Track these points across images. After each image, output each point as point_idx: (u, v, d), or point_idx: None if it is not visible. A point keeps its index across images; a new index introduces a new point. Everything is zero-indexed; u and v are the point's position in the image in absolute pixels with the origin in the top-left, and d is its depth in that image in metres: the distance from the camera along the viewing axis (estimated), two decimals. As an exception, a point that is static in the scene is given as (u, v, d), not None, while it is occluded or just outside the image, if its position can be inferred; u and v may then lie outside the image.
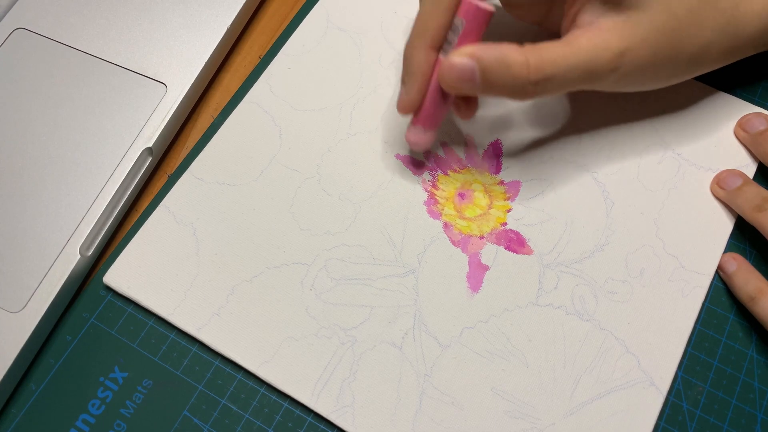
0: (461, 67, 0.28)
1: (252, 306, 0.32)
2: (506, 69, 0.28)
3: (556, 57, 0.28)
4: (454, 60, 0.28)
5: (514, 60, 0.28)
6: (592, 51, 0.29)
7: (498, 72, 0.28)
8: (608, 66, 0.29)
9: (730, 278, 0.32)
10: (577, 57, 0.28)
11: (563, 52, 0.28)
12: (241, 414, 0.30)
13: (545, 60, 0.28)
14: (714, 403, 0.30)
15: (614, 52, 0.29)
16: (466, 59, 0.28)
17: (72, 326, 0.32)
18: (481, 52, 0.28)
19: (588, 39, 0.29)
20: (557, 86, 0.29)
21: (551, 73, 0.28)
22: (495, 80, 0.28)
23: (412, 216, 0.33)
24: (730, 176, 0.33)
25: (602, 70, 0.29)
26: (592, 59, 0.29)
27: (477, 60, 0.28)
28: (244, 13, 0.38)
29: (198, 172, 0.35)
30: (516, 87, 0.28)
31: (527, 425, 0.29)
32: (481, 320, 0.31)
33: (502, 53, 0.28)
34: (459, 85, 0.29)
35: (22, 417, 0.30)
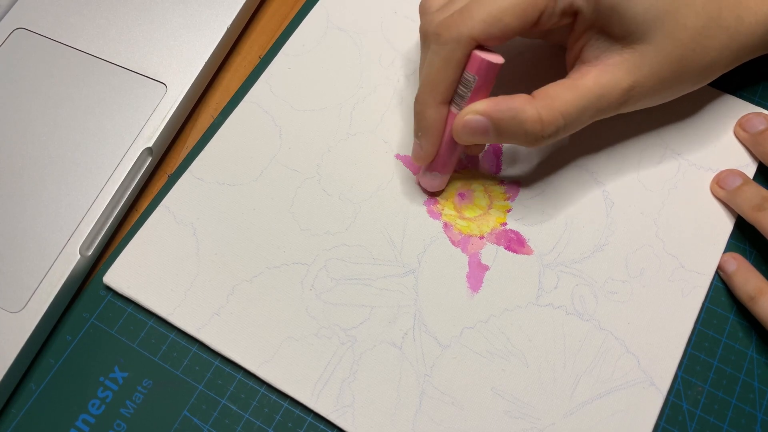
0: (475, 125, 0.29)
1: (252, 306, 0.32)
2: (519, 125, 0.29)
3: (567, 107, 0.29)
4: (468, 119, 0.29)
5: (526, 117, 0.28)
6: (602, 90, 0.29)
7: (511, 128, 0.29)
8: (617, 102, 0.30)
9: (730, 278, 0.32)
10: (588, 100, 0.29)
11: (573, 98, 0.29)
12: (241, 414, 0.30)
13: (556, 111, 0.28)
14: (714, 403, 0.30)
15: (623, 88, 0.29)
16: (479, 117, 0.29)
17: (72, 326, 0.32)
18: (494, 111, 0.29)
19: (595, 78, 0.29)
20: (568, 131, 0.30)
21: (564, 124, 0.29)
22: (508, 135, 0.29)
23: (412, 216, 0.33)
24: (729, 176, 0.33)
25: (612, 106, 0.30)
26: (602, 98, 0.29)
27: (490, 118, 0.29)
28: (244, 13, 0.38)
29: (198, 172, 0.35)
30: (529, 140, 0.29)
31: (527, 425, 0.29)
32: (481, 320, 0.31)
33: (515, 110, 0.28)
34: (473, 140, 0.30)
35: (22, 417, 0.30)
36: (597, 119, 0.30)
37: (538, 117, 0.28)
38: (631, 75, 0.29)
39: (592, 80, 0.29)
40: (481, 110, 0.29)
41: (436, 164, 0.32)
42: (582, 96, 0.29)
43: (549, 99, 0.29)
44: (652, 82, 0.30)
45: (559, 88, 0.29)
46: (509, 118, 0.29)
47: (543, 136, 0.29)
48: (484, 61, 0.28)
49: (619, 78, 0.29)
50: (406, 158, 0.35)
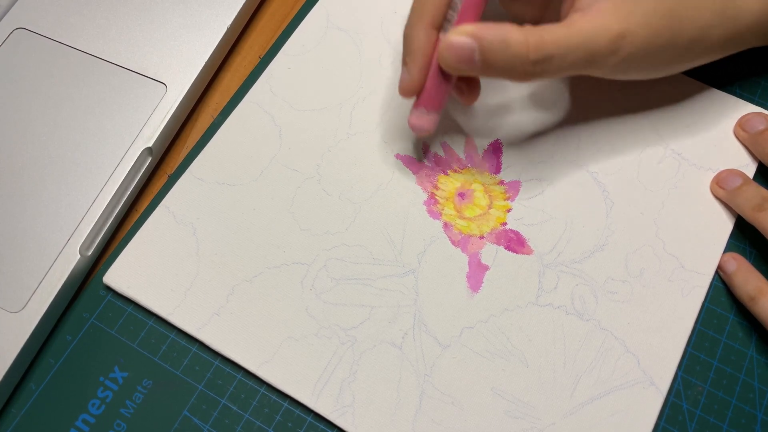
0: (460, 46, 0.28)
1: (252, 306, 0.32)
2: (506, 48, 0.28)
3: (556, 37, 0.28)
4: (453, 39, 0.28)
5: (514, 39, 0.28)
6: (592, 32, 0.29)
7: (498, 51, 0.28)
8: (608, 48, 0.29)
9: (730, 278, 0.32)
10: (577, 38, 0.28)
11: (563, 33, 0.28)
12: (241, 414, 0.30)
13: (545, 40, 0.28)
14: (714, 403, 0.30)
15: (614, 33, 0.29)
16: (465, 38, 0.28)
17: (72, 326, 0.32)
18: (480, 31, 0.28)
19: (588, 21, 0.29)
20: (557, 67, 0.29)
21: (551, 53, 0.28)
22: (494, 59, 0.28)
23: (412, 216, 0.33)
24: (729, 176, 0.33)
25: (602, 51, 0.29)
26: (592, 40, 0.29)
27: (476, 39, 0.28)
28: (244, 13, 0.38)
29: (198, 172, 0.35)
30: (516, 67, 0.28)
31: (527, 425, 0.29)
32: (481, 320, 0.31)
33: (502, 32, 0.28)
34: (458, 65, 0.29)
35: (22, 417, 0.30)
36: (588, 71, 0.30)
37: (525, 40, 0.28)
38: (622, 22, 0.29)
39: (584, 22, 0.29)
40: (468, 31, 0.28)
41: (424, 98, 0.31)
42: (572, 34, 0.28)
43: (539, 30, 0.28)
44: (643, 33, 0.29)
45: (551, 26, 0.29)
46: (495, 39, 0.28)
47: (529, 60, 0.28)
48: None
49: (610, 23, 0.29)
50: (406, 158, 0.35)
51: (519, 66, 0.28)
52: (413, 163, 0.35)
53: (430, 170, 0.34)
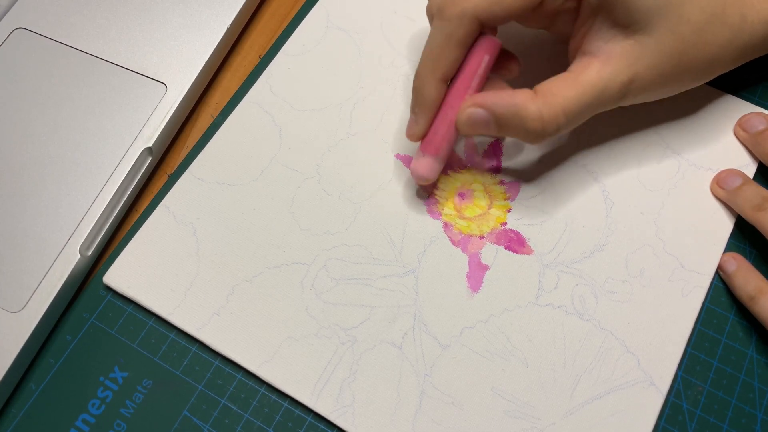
0: (477, 118, 0.29)
1: (252, 306, 0.32)
2: (520, 122, 0.29)
3: (569, 103, 0.29)
4: (470, 111, 0.29)
5: (528, 114, 0.29)
6: (603, 84, 0.29)
7: (512, 124, 0.29)
8: (617, 95, 0.30)
9: (730, 278, 0.32)
10: (590, 95, 0.29)
11: (575, 95, 0.29)
12: (241, 414, 0.30)
13: (558, 108, 0.29)
14: (714, 403, 0.30)
15: (623, 81, 0.29)
16: (481, 111, 0.29)
17: (72, 326, 0.32)
18: (496, 106, 0.29)
19: (597, 71, 0.29)
20: (570, 127, 0.30)
21: (564, 122, 0.29)
22: (509, 130, 0.29)
23: (412, 216, 0.33)
24: (729, 176, 0.33)
25: (612, 99, 0.30)
26: (603, 92, 0.29)
27: (491, 112, 0.29)
28: (244, 13, 0.38)
29: (198, 172, 0.35)
30: (529, 137, 0.29)
31: (527, 425, 0.29)
32: (481, 320, 0.31)
33: (517, 106, 0.29)
34: (474, 132, 0.30)
35: (22, 417, 0.30)
36: (598, 112, 0.30)
37: (539, 115, 0.28)
38: (631, 67, 0.29)
39: (594, 73, 0.29)
40: (484, 104, 0.29)
41: (430, 144, 0.31)
42: (584, 92, 0.29)
43: (551, 96, 0.29)
44: (651, 76, 0.30)
45: (562, 84, 0.29)
46: (511, 114, 0.29)
47: (544, 134, 0.29)
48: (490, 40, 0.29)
49: (619, 70, 0.29)
50: (406, 158, 0.35)
51: (533, 136, 0.29)
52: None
53: (430, 170, 0.34)
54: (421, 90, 0.30)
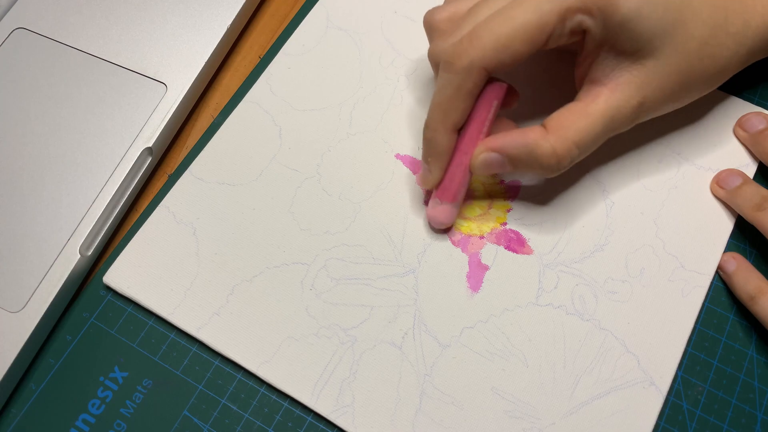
0: (492, 162, 0.30)
1: (252, 306, 0.32)
2: (535, 160, 0.29)
3: (581, 136, 0.29)
4: (484, 157, 0.29)
5: (541, 152, 0.29)
6: (613, 112, 0.29)
7: (527, 163, 0.29)
8: (629, 120, 0.30)
9: (730, 278, 0.32)
10: (601, 125, 0.29)
11: (586, 125, 0.29)
12: (241, 414, 0.30)
13: (570, 142, 0.29)
14: (714, 403, 0.30)
15: (633, 106, 0.29)
16: (494, 155, 0.29)
17: (72, 326, 0.32)
18: (509, 148, 0.29)
19: (606, 100, 0.29)
20: (583, 156, 0.30)
21: (578, 153, 0.29)
22: (525, 167, 0.30)
23: (412, 216, 0.33)
24: (729, 176, 0.33)
25: (623, 124, 0.30)
26: (614, 120, 0.29)
27: (504, 155, 0.29)
28: (244, 13, 0.38)
29: (198, 172, 0.35)
30: (545, 172, 0.30)
31: (527, 425, 0.29)
32: (481, 320, 0.31)
33: (529, 146, 0.29)
34: (490, 173, 0.30)
35: (22, 417, 0.30)
36: (610, 137, 0.30)
37: (552, 151, 0.29)
38: (640, 91, 0.29)
39: (604, 103, 0.29)
40: (496, 147, 0.29)
41: (447, 192, 0.31)
42: (595, 122, 0.29)
43: (562, 130, 0.29)
44: (661, 96, 0.30)
45: (572, 116, 0.29)
46: (525, 154, 0.29)
47: (559, 168, 0.29)
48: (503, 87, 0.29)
49: (629, 95, 0.29)
50: (406, 158, 0.35)
51: (549, 171, 0.30)
52: (413, 163, 0.35)
53: (430, 170, 0.34)
54: (433, 140, 0.30)
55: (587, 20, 0.28)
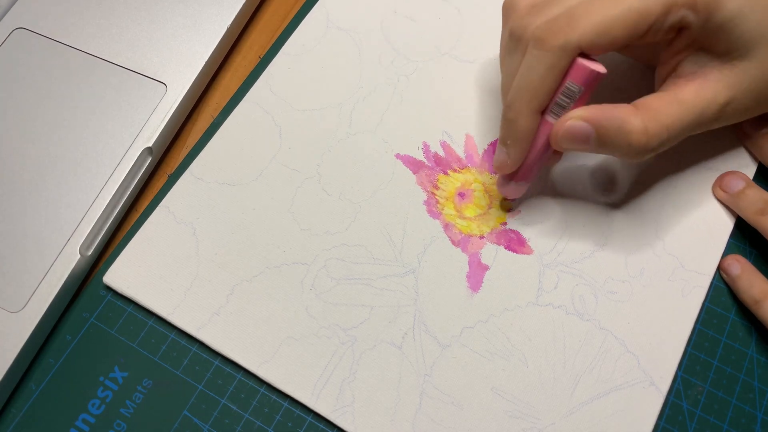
0: (578, 132, 0.28)
1: (252, 306, 0.32)
2: (624, 136, 0.28)
3: (672, 120, 0.28)
4: (571, 124, 0.28)
5: (632, 128, 0.27)
6: (702, 105, 0.28)
7: (615, 138, 0.28)
8: (713, 117, 0.29)
9: (733, 281, 0.31)
10: (692, 115, 0.28)
11: (677, 112, 0.28)
12: (241, 414, 0.30)
13: (662, 124, 0.28)
14: (714, 403, 0.30)
15: (720, 103, 0.29)
16: (583, 124, 0.28)
17: (72, 326, 0.32)
18: (600, 118, 0.27)
19: (696, 93, 0.28)
20: (667, 146, 0.29)
21: (666, 138, 0.28)
22: (611, 144, 0.28)
23: (412, 216, 0.33)
24: (732, 179, 0.33)
25: (707, 121, 0.29)
26: (702, 114, 0.28)
27: (594, 125, 0.28)
28: (244, 13, 0.38)
29: (198, 172, 0.35)
30: (631, 152, 0.28)
31: (527, 425, 0.29)
32: (481, 320, 0.31)
33: (621, 119, 0.27)
34: (572, 147, 0.29)
35: (22, 417, 0.30)
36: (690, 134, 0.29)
37: (644, 129, 0.27)
38: (729, 90, 0.28)
39: (693, 94, 0.28)
40: (587, 117, 0.28)
41: (522, 173, 0.31)
42: (686, 110, 0.28)
43: (654, 111, 0.28)
44: (748, 98, 0.29)
45: (662, 102, 0.28)
46: (615, 127, 0.27)
47: (647, 149, 0.28)
48: (593, 72, 0.27)
49: (718, 93, 0.28)
50: (406, 158, 0.35)
51: (635, 152, 0.28)
52: (413, 162, 0.35)
53: (430, 170, 0.34)
54: (515, 122, 0.28)
55: (690, 15, 0.27)
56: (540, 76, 0.27)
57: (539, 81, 0.27)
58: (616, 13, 0.26)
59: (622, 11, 0.26)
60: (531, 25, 0.28)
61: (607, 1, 0.26)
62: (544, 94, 0.28)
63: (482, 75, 0.37)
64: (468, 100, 0.36)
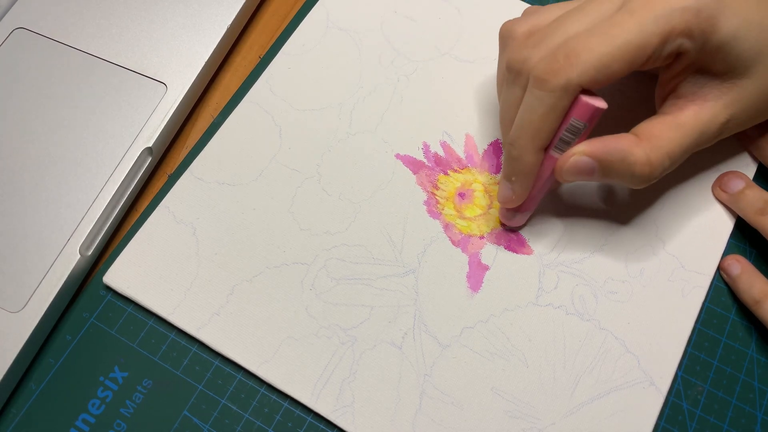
0: (583, 166, 0.28)
1: (252, 306, 0.32)
2: (627, 168, 0.28)
3: (673, 147, 0.28)
4: (575, 160, 0.28)
5: (635, 160, 0.28)
6: (702, 127, 0.28)
7: (619, 169, 0.28)
8: (714, 136, 0.29)
9: (734, 281, 0.31)
10: (692, 138, 0.28)
11: (678, 137, 0.28)
12: (241, 414, 0.30)
13: (663, 153, 0.28)
14: (714, 403, 0.30)
15: (721, 122, 0.29)
16: (587, 159, 0.28)
17: (72, 326, 0.32)
18: (602, 153, 0.28)
19: (695, 115, 0.28)
20: (669, 170, 0.29)
21: (669, 164, 0.28)
22: (615, 175, 0.28)
23: (412, 216, 0.33)
24: (732, 179, 0.33)
25: (709, 140, 0.29)
26: (703, 135, 0.29)
27: (597, 160, 0.28)
28: (244, 13, 0.38)
29: (198, 172, 0.35)
30: (634, 181, 0.28)
31: (527, 425, 0.29)
32: (481, 320, 0.31)
33: (623, 152, 0.28)
34: (576, 179, 0.29)
35: (22, 417, 0.30)
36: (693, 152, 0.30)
37: (647, 160, 0.28)
38: (729, 109, 0.29)
39: (693, 117, 0.28)
40: (590, 152, 0.28)
41: (525, 205, 0.31)
42: (686, 135, 0.28)
43: (655, 139, 0.28)
44: (748, 114, 0.29)
45: (663, 127, 0.28)
46: (618, 160, 0.28)
47: (651, 178, 0.28)
48: (597, 110, 0.27)
49: (717, 112, 0.28)
50: (406, 158, 0.35)
51: (639, 181, 0.28)
52: (413, 163, 0.35)
53: (430, 170, 0.34)
54: (520, 160, 0.29)
55: (687, 43, 0.27)
56: (542, 116, 0.27)
57: (542, 120, 0.28)
58: (617, 47, 0.26)
59: (621, 45, 0.26)
60: (530, 60, 0.28)
61: (605, 36, 0.26)
62: (547, 133, 0.28)
63: (482, 75, 0.37)
64: (468, 100, 0.36)
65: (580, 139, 0.28)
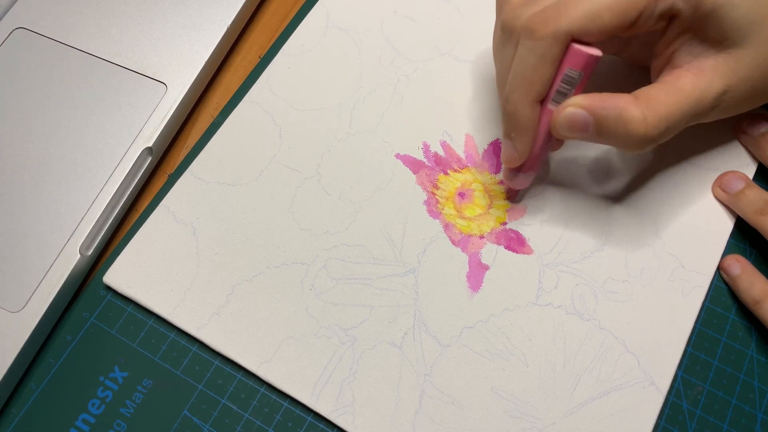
0: (577, 120, 0.28)
1: (252, 306, 0.32)
2: (623, 125, 0.27)
3: (670, 110, 0.28)
4: (570, 111, 0.28)
5: (631, 117, 0.27)
6: (699, 95, 0.28)
7: (614, 126, 0.28)
8: (710, 107, 0.29)
9: (734, 281, 0.31)
10: (688, 105, 0.28)
11: (676, 101, 0.28)
12: (241, 414, 0.30)
13: (660, 115, 0.28)
14: (714, 403, 0.30)
15: (717, 92, 0.28)
16: (582, 112, 0.28)
17: (72, 326, 0.32)
18: (598, 107, 0.27)
19: (692, 83, 0.28)
20: (665, 138, 0.29)
21: (665, 128, 0.28)
22: (609, 133, 0.28)
23: (412, 216, 0.33)
24: (732, 179, 0.33)
25: (704, 111, 0.29)
26: (699, 103, 0.28)
27: (592, 113, 0.28)
28: (244, 13, 0.38)
29: (198, 172, 0.35)
30: (628, 142, 0.28)
31: (527, 425, 0.29)
32: (481, 320, 0.31)
33: (620, 108, 0.27)
34: (571, 135, 0.28)
35: (22, 417, 0.30)
36: (689, 125, 0.29)
37: (642, 118, 0.27)
38: (725, 79, 0.28)
39: (690, 84, 0.28)
40: (585, 104, 0.27)
41: (527, 164, 0.31)
42: (683, 100, 0.28)
43: (652, 101, 0.28)
44: (744, 87, 0.29)
45: (660, 92, 0.28)
46: (613, 116, 0.27)
47: (646, 139, 0.28)
48: (590, 56, 0.27)
49: (713, 82, 0.28)
50: (406, 158, 0.35)
51: (634, 141, 0.28)
52: (413, 162, 0.35)
53: (430, 170, 0.34)
54: (515, 114, 0.29)
55: (679, 3, 0.27)
56: (533, 66, 0.27)
57: (533, 71, 0.28)
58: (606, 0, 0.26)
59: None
60: (522, 17, 0.28)
61: None
62: (540, 84, 0.28)
63: (482, 75, 0.37)
64: (468, 100, 0.36)
65: (576, 90, 0.28)
